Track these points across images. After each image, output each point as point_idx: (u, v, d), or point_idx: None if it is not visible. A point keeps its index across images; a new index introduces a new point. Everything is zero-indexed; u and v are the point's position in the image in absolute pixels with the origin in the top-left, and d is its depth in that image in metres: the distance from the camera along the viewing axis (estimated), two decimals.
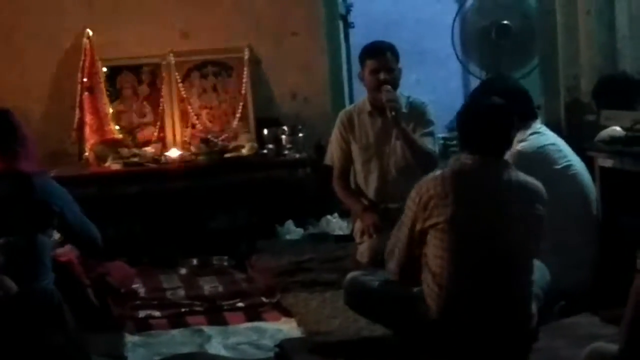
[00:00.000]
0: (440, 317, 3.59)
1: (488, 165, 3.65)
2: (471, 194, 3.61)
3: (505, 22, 6.36)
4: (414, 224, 3.64)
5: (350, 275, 4.16)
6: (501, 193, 3.63)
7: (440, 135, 6.32)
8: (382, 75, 5.15)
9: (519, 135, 4.43)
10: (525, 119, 4.48)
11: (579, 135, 5.23)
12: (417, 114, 5.24)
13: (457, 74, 7.76)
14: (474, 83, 7.13)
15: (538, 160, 4.37)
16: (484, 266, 3.58)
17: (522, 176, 3.69)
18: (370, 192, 5.33)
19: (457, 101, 7.35)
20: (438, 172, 3.69)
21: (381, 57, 5.20)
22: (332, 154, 5.50)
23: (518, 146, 4.39)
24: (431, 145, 5.18)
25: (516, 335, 3.62)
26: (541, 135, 4.49)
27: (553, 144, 4.48)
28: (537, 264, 4.01)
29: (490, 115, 3.70)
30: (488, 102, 3.81)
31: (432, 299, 3.62)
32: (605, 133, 4.73)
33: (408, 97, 5.27)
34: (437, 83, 7.48)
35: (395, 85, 5.18)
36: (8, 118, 3.95)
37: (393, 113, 5.04)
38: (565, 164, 4.44)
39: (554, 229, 4.27)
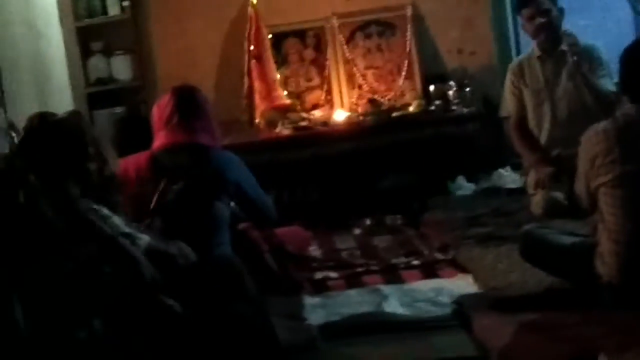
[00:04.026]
0: (619, 274, 3.48)
1: None
2: (637, 146, 3.47)
3: None
4: (587, 180, 3.57)
5: (525, 227, 4.12)
6: None
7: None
8: (537, 21, 5.13)
9: None
10: None
11: None
12: (589, 57, 5.14)
13: (627, 17, 7.50)
14: None
15: None
16: None
17: None
18: (543, 137, 5.29)
19: None
20: (601, 125, 3.53)
21: (533, 2, 5.15)
22: (507, 105, 5.49)
23: None
24: (610, 86, 5.06)
25: None
26: None
27: None
28: None
29: None
30: None
31: (609, 256, 3.52)
32: None
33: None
34: (607, 28, 7.25)
35: (554, 26, 5.14)
36: (194, 94, 4.09)
37: (575, 57, 5.00)
38: None
39: None
